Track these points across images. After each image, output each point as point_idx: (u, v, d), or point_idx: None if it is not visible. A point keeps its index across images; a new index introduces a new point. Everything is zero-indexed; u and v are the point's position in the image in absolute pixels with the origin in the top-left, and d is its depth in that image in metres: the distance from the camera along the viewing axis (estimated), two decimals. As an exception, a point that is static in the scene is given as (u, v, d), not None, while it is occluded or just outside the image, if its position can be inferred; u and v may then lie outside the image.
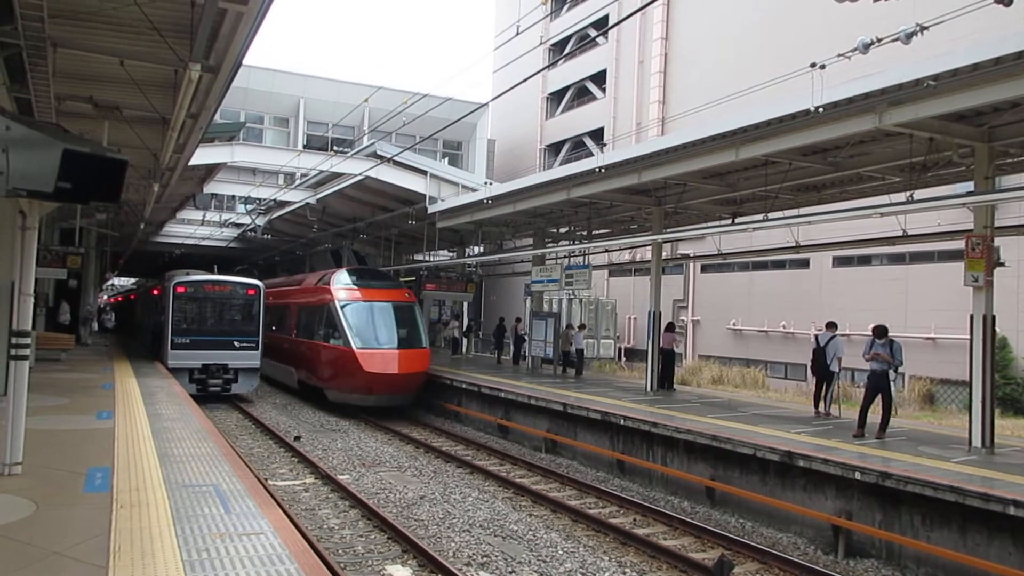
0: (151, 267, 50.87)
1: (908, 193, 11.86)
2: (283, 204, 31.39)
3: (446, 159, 40.56)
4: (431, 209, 24.46)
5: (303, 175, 29.80)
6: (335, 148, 32.41)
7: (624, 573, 8.44)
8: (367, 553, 8.91)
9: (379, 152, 24.47)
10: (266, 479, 12.00)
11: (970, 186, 12.03)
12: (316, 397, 21.54)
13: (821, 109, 11.13)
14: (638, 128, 33.66)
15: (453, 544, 9.25)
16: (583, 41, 37.77)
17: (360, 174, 24.31)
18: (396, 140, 31.23)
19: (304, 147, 35.38)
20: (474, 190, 24.35)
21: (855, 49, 10.80)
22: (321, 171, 26.74)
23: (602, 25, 35.45)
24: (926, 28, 9.95)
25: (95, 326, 37.31)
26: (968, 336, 11.17)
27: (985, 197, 10.84)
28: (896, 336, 12.52)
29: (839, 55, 11.07)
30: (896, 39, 10.25)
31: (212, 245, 40.36)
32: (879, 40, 10.47)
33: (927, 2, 12.13)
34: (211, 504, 7.08)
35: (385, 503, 11.07)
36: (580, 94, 40.03)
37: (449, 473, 13.14)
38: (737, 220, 16.44)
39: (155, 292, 27.03)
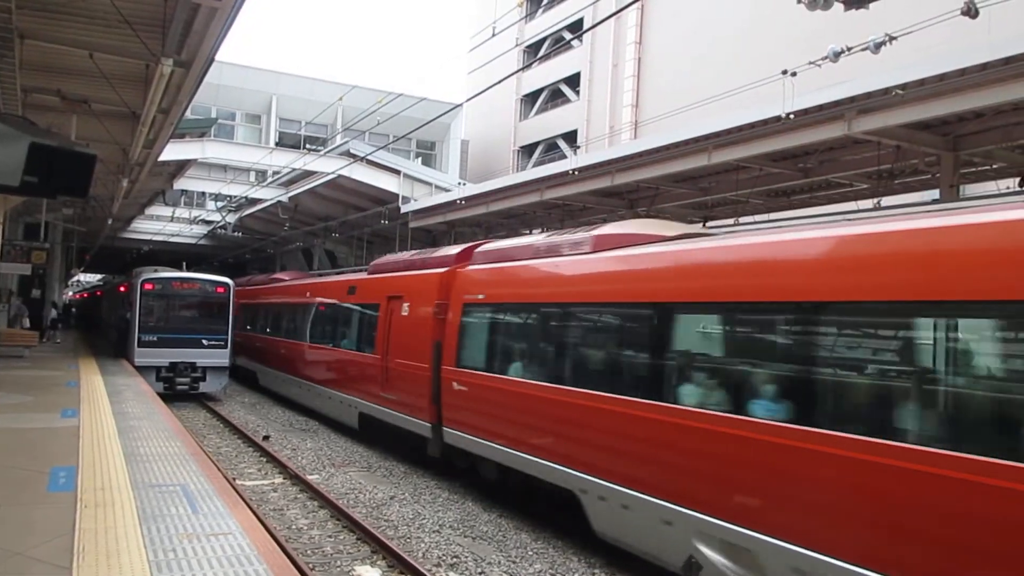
0: (119, 264, 50.09)
1: (876, 200, 12.07)
2: (254, 202, 31.13)
3: (420, 159, 40.47)
4: (404, 209, 24.40)
5: (275, 173, 29.57)
6: (308, 146, 32.18)
7: (594, 573, 8.48)
8: (336, 553, 8.86)
9: (352, 151, 24.37)
10: (234, 479, 11.88)
11: (936, 194, 12.28)
12: (284, 396, 21.32)
13: (792, 116, 11.31)
14: (612, 131, 33.85)
15: (423, 545, 9.22)
16: (558, 44, 37.89)
17: (333, 173, 24.18)
18: (370, 139, 31.10)
19: (277, 144, 35.08)
20: (447, 190, 24.36)
21: (825, 57, 10.97)
22: (293, 169, 26.55)
23: (577, 28, 35.58)
24: (895, 38, 10.15)
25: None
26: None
27: (949, 205, 11.05)
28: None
29: (810, 63, 11.24)
30: (866, 48, 10.45)
31: (181, 242, 39.87)
32: (849, 49, 10.66)
33: (897, 13, 12.34)
34: (178, 504, 7.01)
35: (355, 503, 11.01)
36: (554, 96, 40.16)
37: (420, 473, 13.11)
38: (708, 224, 16.61)
39: (122, 289, 26.62)
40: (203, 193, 36.46)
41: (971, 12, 9.23)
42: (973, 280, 5.21)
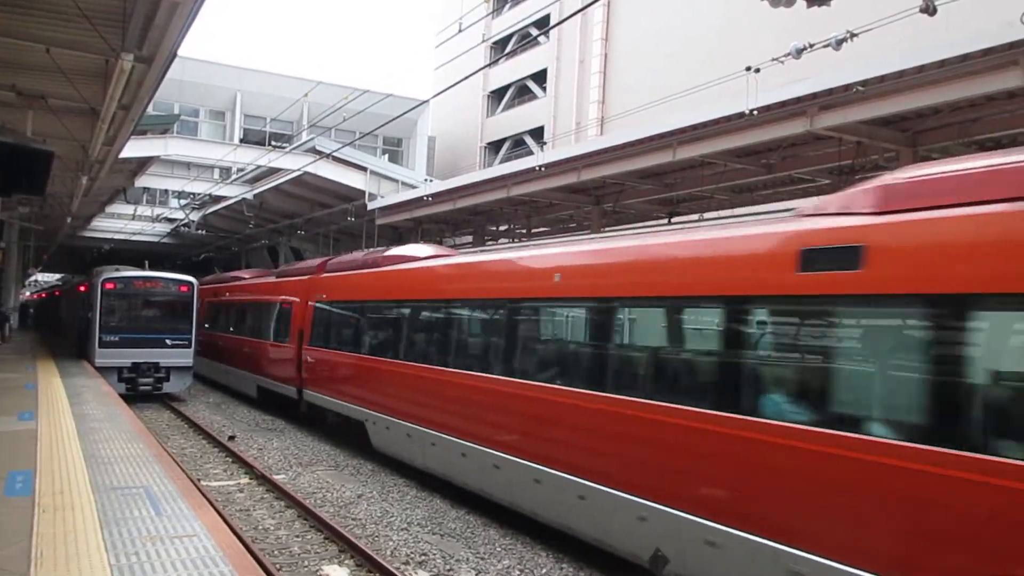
0: (78, 263, 49.10)
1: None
2: (219, 199, 30.71)
3: (386, 156, 40.19)
4: (370, 206, 24.25)
5: (240, 170, 29.19)
6: (273, 143, 31.82)
7: (562, 568, 8.52)
8: (303, 553, 8.79)
9: (318, 148, 24.17)
10: (199, 480, 11.72)
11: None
12: (249, 396, 21.10)
13: (755, 112, 11.44)
14: (578, 128, 33.96)
15: (391, 543, 9.19)
16: (524, 40, 37.92)
17: (299, 170, 23.95)
18: (336, 136, 30.85)
19: (241, 141, 34.63)
20: (414, 187, 24.26)
21: (788, 54, 11.12)
22: (259, 166, 26.23)
23: (544, 24, 35.62)
24: (856, 35, 10.32)
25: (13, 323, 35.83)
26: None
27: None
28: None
29: (773, 59, 11.38)
30: (828, 45, 10.61)
31: (143, 240, 39.21)
32: (811, 46, 10.81)
33: (862, 10, 12.53)
34: (141, 506, 6.90)
35: (322, 502, 10.93)
36: (521, 93, 40.17)
37: (388, 471, 13.05)
38: (674, 220, 16.75)
39: (82, 288, 26.09)
40: (166, 191, 35.90)
41: (929, 10, 9.42)
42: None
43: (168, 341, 20.71)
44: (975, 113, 10.46)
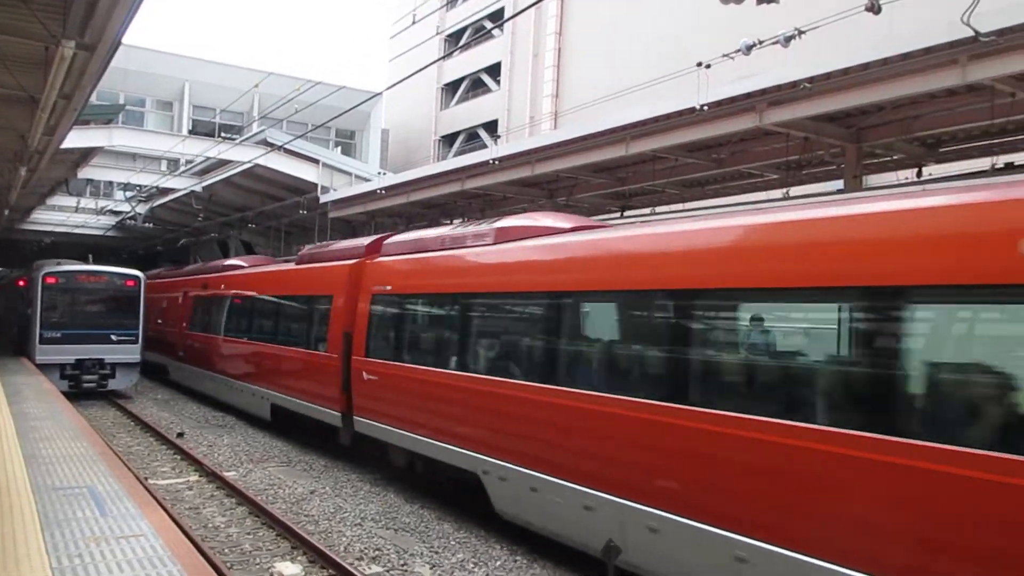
0: (17, 257, 47.56)
1: (784, 190, 12.49)
2: (166, 191, 29.98)
3: (339, 148, 39.77)
4: (323, 199, 23.95)
5: (188, 161, 28.57)
6: (223, 134, 31.19)
7: (516, 560, 8.56)
8: (255, 551, 8.68)
9: (269, 139, 23.77)
10: (146, 478, 11.48)
11: (840, 184, 12.79)
12: (200, 392, 20.70)
13: (706, 107, 11.57)
14: (532, 121, 34.01)
15: (344, 539, 9.13)
16: (479, 33, 37.80)
17: (249, 162, 23.52)
18: (287, 128, 30.36)
19: (190, 132, 33.87)
20: (367, 180, 24.04)
21: (738, 50, 11.27)
22: (208, 158, 25.68)
23: (498, 17, 35.56)
24: (803, 32, 10.50)
25: None
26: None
27: (853, 195, 11.54)
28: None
29: (724, 55, 11.52)
30: (777, 42, 10.78)
31: (87, 234, 38.10)
32: (761, 42, 10.98)
33: (808, 8, 12.75)
34: (85, 507, 6.73)
35: (274, 499, 10.80)
36: (475, 86, 40.06)
37: (340, 467, 12.94)
38: (626, 213, 16.89)
39: (21, 283, 25.28)
40: (111, 183, 34.89)
41: (874, 8, 9.64)
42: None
43: (113, 337, 20.19)
44: (916, 110, 10.73)
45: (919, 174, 12.19)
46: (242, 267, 20.21)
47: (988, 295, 4.95)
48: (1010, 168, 10.08)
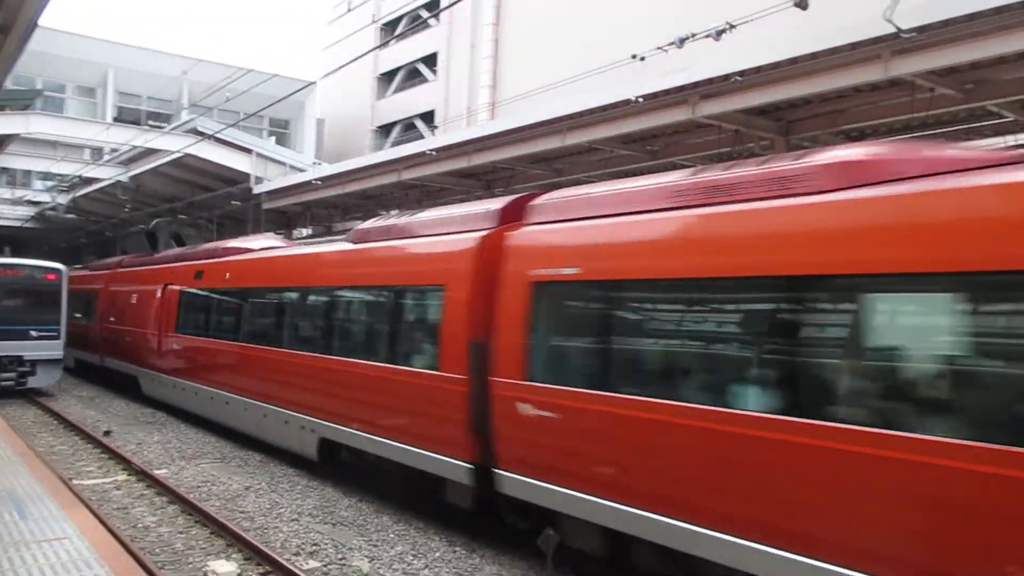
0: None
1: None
2: (90, 181, 28.94)
3: (273, 138, 38.95)
4: (256, 189, 23.46)
5: (113, 150, 27.59)
6: (150, 122, 30.24)
7: (455, 551, 8.56)
8: (188, 550, 8.47)
9: (200, 128, 23.14)
10: (71, 479, 11.07)
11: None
12: (129, 388, 20.04)
13: (641, 99, 11.73)
14: (469, 112, 33.89)
15: (281, 534, 8.98)
16: (415, 22, 37.45)
17: (179, 151, 22.86)
18: (219, 116, 29.59)
19: (115, 120, 32.71)
20: (302, 171, 23.65)
21: (672, 43, 11.44)
22: (135, 147, 24.85)
23: (434, 7, 35.29)
24: (734, 26, 10.71)
25: None
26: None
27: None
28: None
29: (658, 48, 11.68)
30: (709, 35, 10.97)
31: (4, 225, 36.50)
32: (693, 35, 11.16)
33: (741, 2, 12.97)
34: (3, 510, 6.46)
35: (207, 496, 10.55)
36: (412, 76, 39.69)
37: (276, 462, 12.72)
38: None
39: None
40: (28, 171, 33.50)
41: (802, 4, 9.91)
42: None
43: (33, 333, 19.38)
44: (842, 104, 11.08)
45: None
46: (251, 250, 15.30)
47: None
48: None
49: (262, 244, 15.65)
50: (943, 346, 5.02)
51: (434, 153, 16.55)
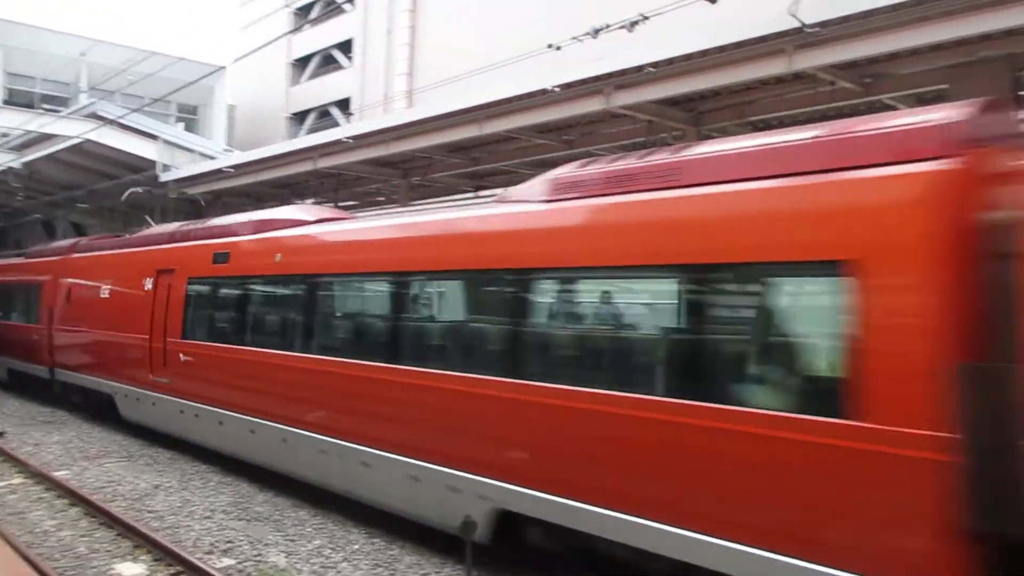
0: None
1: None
2: (-23, 168, 27.24)
3: (181, 124, 37.53)
4: (163, 177, 22.57)
5: (3, 135, 26.05)
6: (45, 106, 28.68)
7: (374, 543, 8.48)
8: (91, 553, 8.12)
9: (100, 113, 22.08)
10: (-40, 484, 10.47)
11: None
12: (26, 386, 19.01)
13: (558, 89, 11.81)
14: (386, 100, 33.45)
15: (193, 533, 8.71)
16: (330, 6, 36.69)
17: (78, 136, 21.74)
18: (123, 101, 28.31)
19: (5, 103, 30.88)
20: (213, 158, 22.88)
21: (587, 33, 11.53)
22: (28, 131, 23.51)
23: (349, -8, 34.66)
24: (648, 18, 10.88)
25: None
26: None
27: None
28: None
29: (573, 38, 11.76)
30: (623, 27, 11.11)
31: None
32: (608, 26, 11.28)
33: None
34: None
35: (113, 497, 10.13)
36: (327, 62, 38.89)
37: (188, 458, 12.32)
38: (480, 194, 17.01)
39: None
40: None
41: (711, -1, 10.14)
42: None
43: None
44: (750, 96, 11.41)
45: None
46: (311, 222, 11.06)
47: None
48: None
49: (319, 215, 11.49)
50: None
51: (351, 141, 16.26)
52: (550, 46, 12.08)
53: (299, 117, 39.63)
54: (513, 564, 7.48)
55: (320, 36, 38.42)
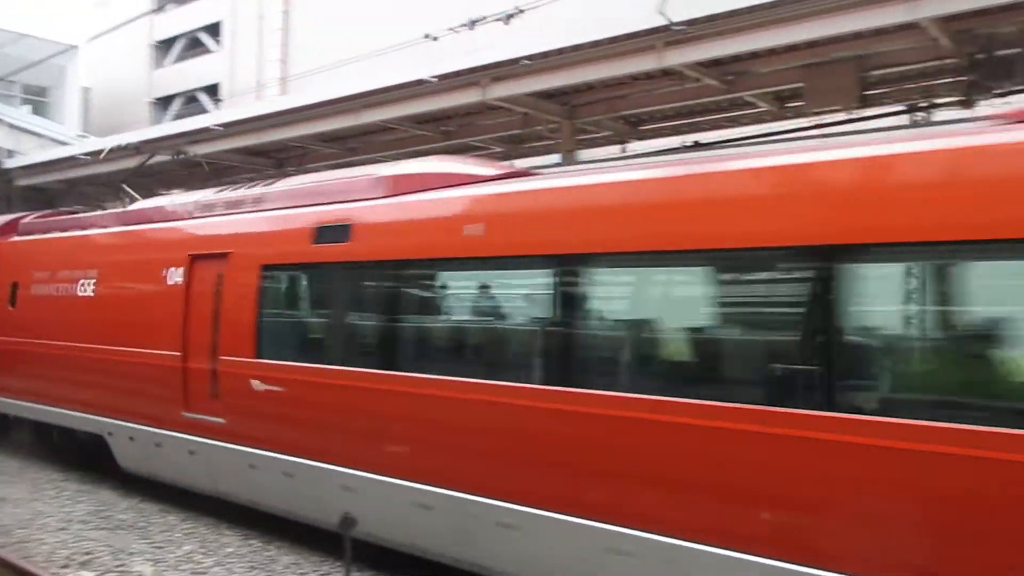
0: None
1: (508, 164, 13.06)
2: None
3: (29, 107, 34.80)
4: (8, 164, 20.91)
5: None
6: None
7: (249, 544, 8.20)
8: (-76, 576, 7.44)
9: (-68, 93, 20.18)
10: None
11: (559, 158, 13.64)
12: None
13: (435, 79, 11.74)
14: (258, 86, 32.25)
15: (45, 546, 8.13)
16: (196, -14, 34.99)
17: (-96, 118, 19.82)
18: (-42, 80, 26.00)
19: None
20: (65, 144, 21.37)
21: (464, 24, 11.52)
22: None
23: (217, -28, 33.15)
24: (523, 11, 10.97)
25: None
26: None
27: (567, 168, 12.32)
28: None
29: (450, 29, 11.71)
30: (499, 19, 11.17)
31: None
32: (484, 18, 11.31)
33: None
34: None
35: (-50, 513, 9.32)
36: (193, 45, 37.07)
37: (39, 467, 11.48)
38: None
39: None
40: None
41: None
42: None
43: None
44: (622, 91, 11.71)
45: (623, 150, 13.37)
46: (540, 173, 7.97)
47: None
48: (697, 146, 11.38)
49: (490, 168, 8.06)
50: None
51: (221, 129, 15.58)
52: (427, 36, 11.98)
53: (163, 102, 37.61)
54: (395, 560, 7.41)
55: (186, 17, 36.61)
